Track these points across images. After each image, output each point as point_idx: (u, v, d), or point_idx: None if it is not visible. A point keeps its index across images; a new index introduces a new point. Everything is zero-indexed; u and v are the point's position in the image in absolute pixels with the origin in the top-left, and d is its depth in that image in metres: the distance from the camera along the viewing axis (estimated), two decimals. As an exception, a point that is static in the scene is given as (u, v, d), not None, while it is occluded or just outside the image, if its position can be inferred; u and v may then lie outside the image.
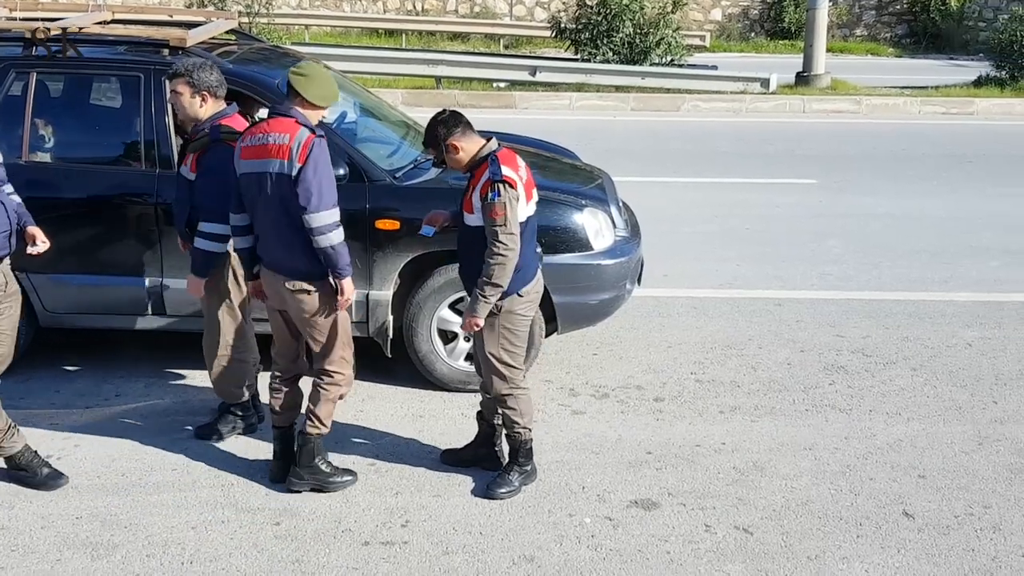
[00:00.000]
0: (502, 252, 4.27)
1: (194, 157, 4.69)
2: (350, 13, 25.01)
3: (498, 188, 4.26)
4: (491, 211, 4.26)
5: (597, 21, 17.46)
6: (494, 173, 4.29)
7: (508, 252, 4.27)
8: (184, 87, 4.65)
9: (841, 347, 6.38)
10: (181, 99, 4.67)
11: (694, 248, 8.43)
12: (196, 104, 4.66)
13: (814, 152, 12.64)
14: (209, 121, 4.70)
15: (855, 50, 25.41)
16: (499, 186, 4.26)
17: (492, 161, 4.33)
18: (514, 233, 4.29)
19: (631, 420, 5.36)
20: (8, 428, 4.54)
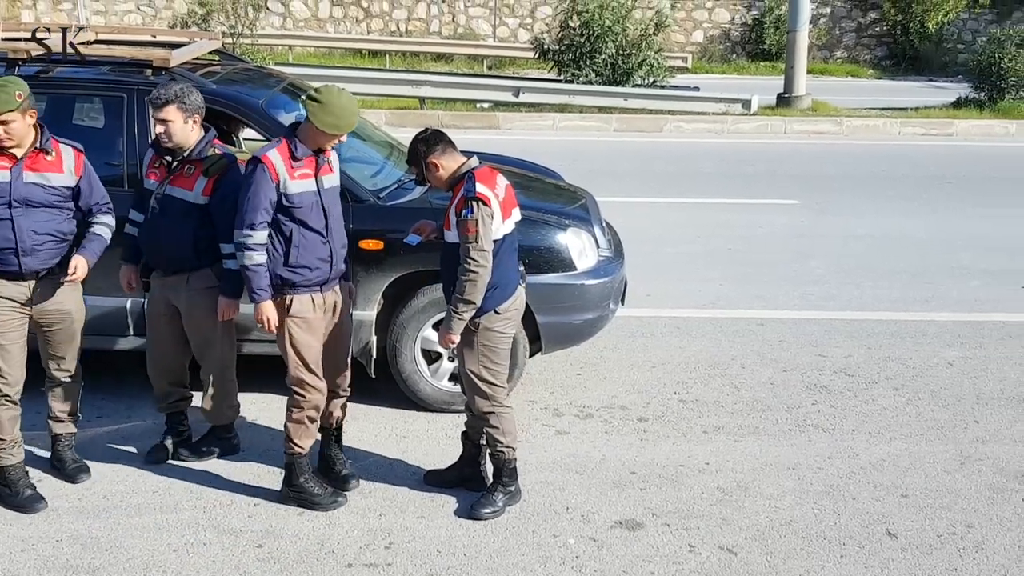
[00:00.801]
0: (473, 269, 4.30)
1: (211, 181, 4.64)
2: (334, 34, 25.07)
3: (471, 205, 4.30)
4: (464, 227, 4.30)
5: (580, 43, 17.55)
6: (468, 190, 4.33)
7: (479, 269, 4.30)
8: (177, 113, 4.57)
9: (824, 367, 6.40)
10: (173, 126, 4.59)
11: (677, 268, 8.45)
12: (188, 128, 4.63)
13: (796, 173, 12.71)
14: (205, 144, 4.68)
15: (835, 72, 25.63)
16: (472, 203, 4.30)
17: (468, 178, 4.37)
18: (485, 250, 4.31)
19: (615, 440, 5.35)
20: (15, 442, 4.59)
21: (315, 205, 4.48)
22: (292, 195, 4.40)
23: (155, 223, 4.70)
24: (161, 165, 4.71)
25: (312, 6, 25.62)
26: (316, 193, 4.48)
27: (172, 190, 4.67)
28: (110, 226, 4.66)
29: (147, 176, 4.76)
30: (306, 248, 4.47)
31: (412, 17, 25.94)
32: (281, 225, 4.44)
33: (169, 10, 24.85)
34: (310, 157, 4.47)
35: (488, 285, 4.38)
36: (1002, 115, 17.09)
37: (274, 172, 4.36)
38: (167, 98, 4.57)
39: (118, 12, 25.03)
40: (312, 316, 4.55)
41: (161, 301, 4.83)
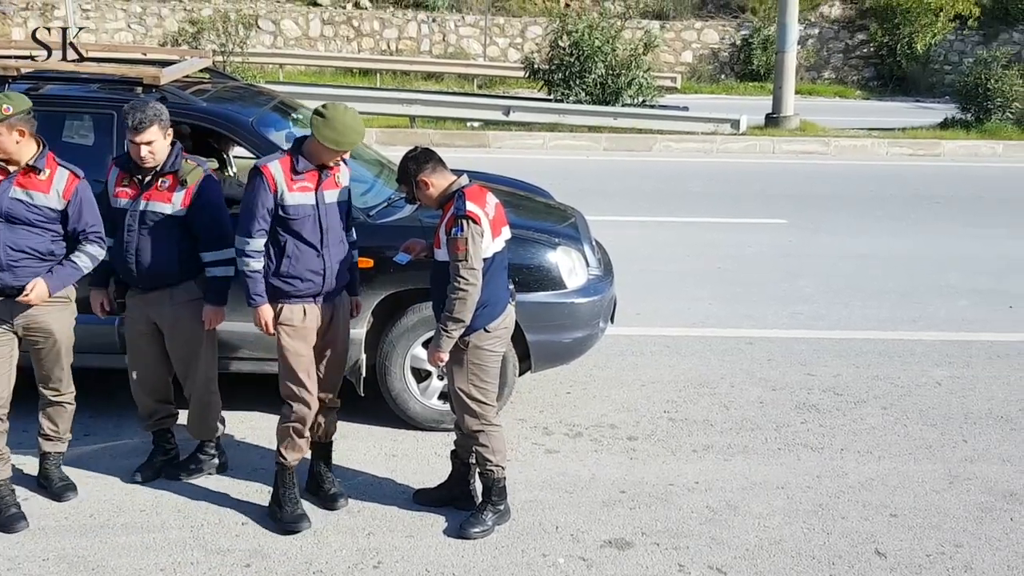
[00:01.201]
0: (463, 287, 4.30)
1: (188, 192, 4.64)
2: (325, 53, 25.13)
3: (461, 223, 4.31)
4: (454, 246, 4.31)
5: (570, 62, 17.63)
6: (458, 208, 4.35)
7: (469, 287, 4.30)
8: (158, 132, 4.56)
9: (812, 386, 6.41)
10: (157, 145, 4.57)
11: (667, 287, 8.47)
12: (167, 144, 4.65)
13: (784, 192, 12.76)
14: (176, 156, 4.67)
15: (823, 92, 25.78)
16: (462, 221, 4.31)
17: (458, 197, 4.39)
18: (475, 268, 4.32)
19: (604, 459, 5.35)
20: (1, 458, 4.57)
21: (311, 218, 4.51)
22: (288, 206, 4.46)
23: (132, 241, 4.66)
24: (132, 183, 4.66)
25: (303, 25, 25.69)
26: (314, 207, 4.51)
27: (150, 205, 4.64)
28: (92, 256, 4.57)
29: (116, 196, 4.69)
30: (299, 260, 4.51)
31: (403, 36, 26.02)
32: (277, 235, 4.50)
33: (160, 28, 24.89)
34: (312, 171, 4.51)
35: (478, 303, 4.38)
36: (989, 136, 17.21)
37: (272, 182, 4.44)
38: (150, 119, 4.52)
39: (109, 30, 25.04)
40: (301, 324, 4.58)
41: (141, 319, 4.80)
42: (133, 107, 4.58)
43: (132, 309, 4.82)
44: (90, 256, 4.57)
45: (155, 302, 4.75)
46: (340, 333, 4.77)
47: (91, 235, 4.57)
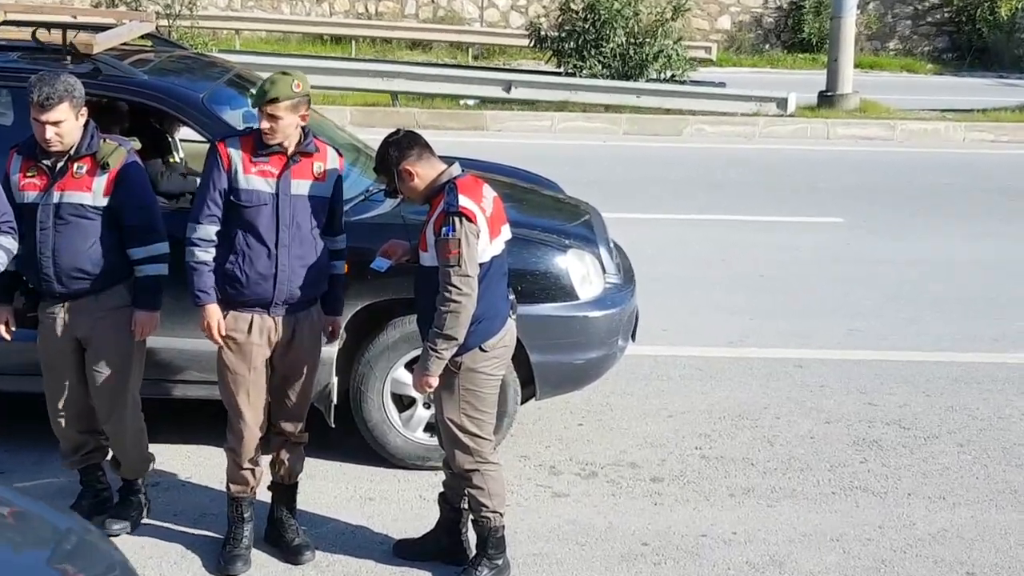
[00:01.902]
0: (455, 298, 4.29)
1: (110, 177, 4.64)
2: (290, 16, 25.21)
3: (453, 221, 4.30)
4: (444, 248, 4.30)
5: (584, 29, 17.66)
6: (449, 203, 4.34)
7: (462, 298, 4.30)
8: (69, 111, 4.55)
9: (874, 418, 6.41)
10: (66, 126, 4.55)
11: (698, 298, 8.47)
12: (79, 125, 4.64)
13: (840, 186, 12.78)
14: (92, 137, 4.68)
15: (888, 66, 25.82)
16: (454, 219, 4.30)
17: (449, 190, 4.38)
18: (470, 275, 4.32)
19: (624, 505, 5.34)
20: None
21: (268, 209, 4.54)
22: (241, 191, 4.53)
23: (47, 240, 4.63)
24: (40, 171, 4.63)
25: (264, -18, 25.78)
26: (273, 196, 4.54)
27: (66, 196, 4.62)
28: (6, 249, 4.53)
29: (22, 188, 4.64)
30: (245, 258, 4.57)
31: (384, -3, 26.09)
32: (228, 225, 4.57)
33: (93, -14, 24.96)
34: (279, 154, 4.55)
35: (472, 317, 4.38)
36: (1086, 119, 17.22)
37: (226, 159, 4.52)
38: (59, 94, 4.50)
39: (32, -12, 25.13)
40: (245, 340, 4.63)
41: (59, 335, 4.76)
42: (40, 79, 4.55)
43: (48, 323, 4.78)
44: (4, 249, 4.54)
45: (77, 312, 4.73)
46: (304, 355, 4.78)
47: (3, 225, 4.54)
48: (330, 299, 4.89)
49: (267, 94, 4.48)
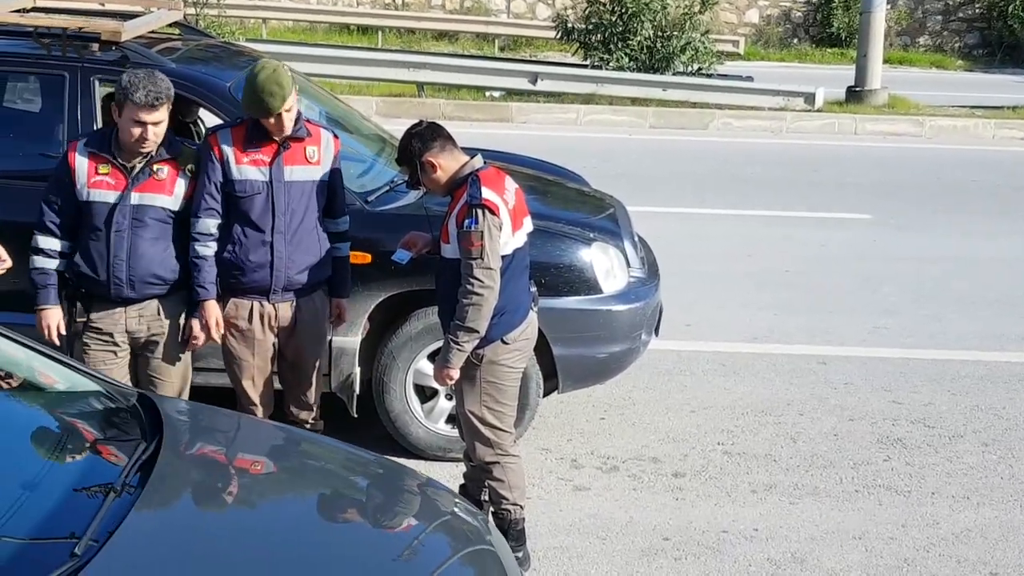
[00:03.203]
0: (477, 290, 4.30)
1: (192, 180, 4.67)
2: (316, 6, 25.24)
3: (476, 213, 4.31)
4: (466, 240, 4.31)
5: (611, 21, 17.62)
6: (472, 196, 4.34)
7: (484, 291, 4.31)
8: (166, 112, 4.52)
9: (898, 416, 6.39)
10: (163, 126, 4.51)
11: (723, 293, 8.46)
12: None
13: (867, 182, 12.72)
14: (172, 138, 4.73)
15: (917, 62, 25.65)
16: (477, 211, 4.31)
17: (472, 182, 4.39)
18: (493, 268, 4.33)
19: (645, 499, 5.35)
20: None
21: (261, 198, 4.60)
22: (235, 181, 4.59)
23: (120, 242, 4.51)
24: (116, 170, 4.51)
25: (291, -28, 25.80)
26: (266, 184, 4.60)
27: (146, 198, 4.55)
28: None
29: (90, 186, 4.51)
30: (243, 246, 4.63)
31: (410, -13, 26.08)
32: (226, 215, 4.64)
33: (121, -26, 25.05)
34: (271, 143, 4.60)
35: (495, 310, 4.39)
36: (1118, 117, 17.08)
37: (217, 151, 4.58)
38: (166, 95, 4.43)
39: (60, -25, 25.25)
40: (247, 327, 4.71)
41: (117, 341, 4.63)
42: (141, 78, 4.41)
43: (102, 328, 4.63)
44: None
45: (138, 318, 4.64)
46: (308, 340, 4.83)
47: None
48: (335, 282, 4.92)
49: (285, 99, 4.50)
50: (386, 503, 3.45)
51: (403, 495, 3.52)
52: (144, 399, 3.56)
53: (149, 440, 3.22)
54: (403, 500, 3.50)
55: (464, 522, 3.39)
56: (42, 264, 4.60)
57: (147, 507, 2.88)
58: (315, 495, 3.39)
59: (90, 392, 3.55)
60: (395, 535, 3.25)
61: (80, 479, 3.05)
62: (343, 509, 3.35)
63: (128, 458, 3.10)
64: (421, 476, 3.71)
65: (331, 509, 3.33)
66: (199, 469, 3.34)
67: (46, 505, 2.84)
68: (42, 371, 3.57)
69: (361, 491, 3.51)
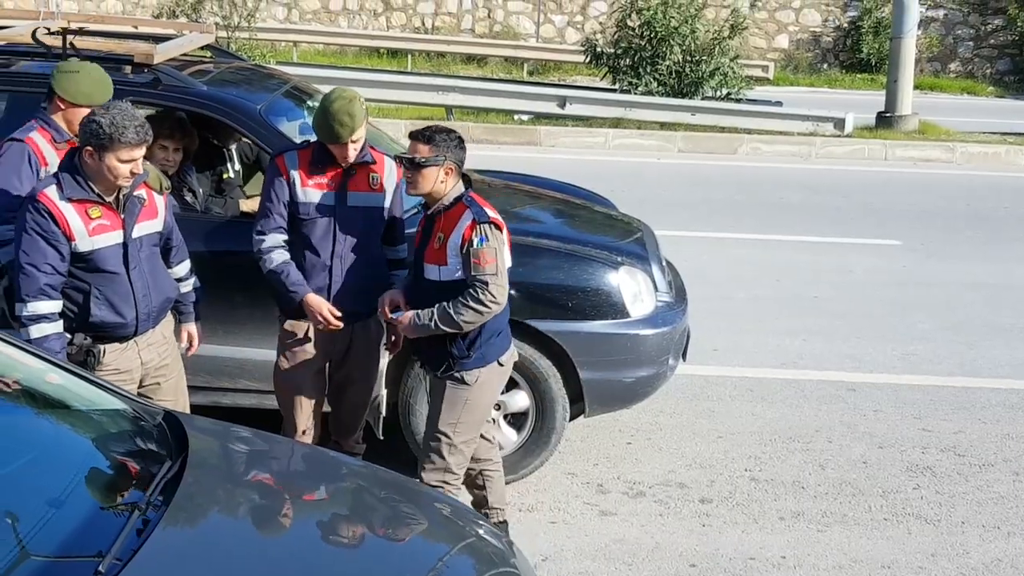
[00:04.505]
0: (489, 306, 4.32)
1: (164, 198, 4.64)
2: (347, 29, 25.42)
3: (485, 231, 4.32)
4: (479, 258, 4.29)
5: (640, 46, 17.66)
6: (479, 214, 4.36)
7: (495, 307, 4.34)
8: None
9: (928, 444, 6.34)
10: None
11: (751, 318, 8.43)
12: None
13: (898, 207, 12.67)
14: None
15: (948, 88, 25.58)
16: (486, 228, 4.33)
17: (470, 202, 4.41)
18: (504, 286, 4.36)
19: (671, 525, 5.32)
20: None
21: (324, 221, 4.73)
22: (299, 203, 4.72)
23: (141, 278, 4.41)
24: (107, 209, 4.30)
25: (322, -5, 26.01)
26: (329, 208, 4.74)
27: (146, 227, 4.44)
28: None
29: (92, 234, 4.26)
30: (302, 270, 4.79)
31: (440, 11, 26.27)
32: (290, 236, 4.79)
33: (154, -3, 25.32)
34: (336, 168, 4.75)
35: (490, 330, 4.42)
36: None
37: (285, 172, 4.73)
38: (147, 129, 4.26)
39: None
40: (300, 348, 4.82)
41: (133, 375, 4.50)
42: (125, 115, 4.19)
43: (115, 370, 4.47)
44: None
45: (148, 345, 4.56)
46: (359, 367, 4.85)
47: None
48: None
49: (353, 131, 4.58)
50: (411, 525, 3.45)
51: (428, 517, 3.51)
52: (170, 417, 3.57)
53: (174, 459, 3.23)
54: (428, 522, 3.49)
55: (489, 544, 3.38)
56: (48, 331, 4.25)
57: (172, 526, 2.89)
58: (340, 515, 3.39)
59: (116, 410, 3.57)
60: (420, 557, 3.24)
61: (106, 497, 3.06)
62: (368, 530, 3.35)
63: (153, 476, 3.12)
64: (446, 498, 3.71)
65: (355, 530, 3.33)
66: (224, 488, 3.35)
67: (71, 523, 2.85)
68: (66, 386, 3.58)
69: (386, 513, 3.50)
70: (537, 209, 6.49)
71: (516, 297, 5.33)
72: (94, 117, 4.18)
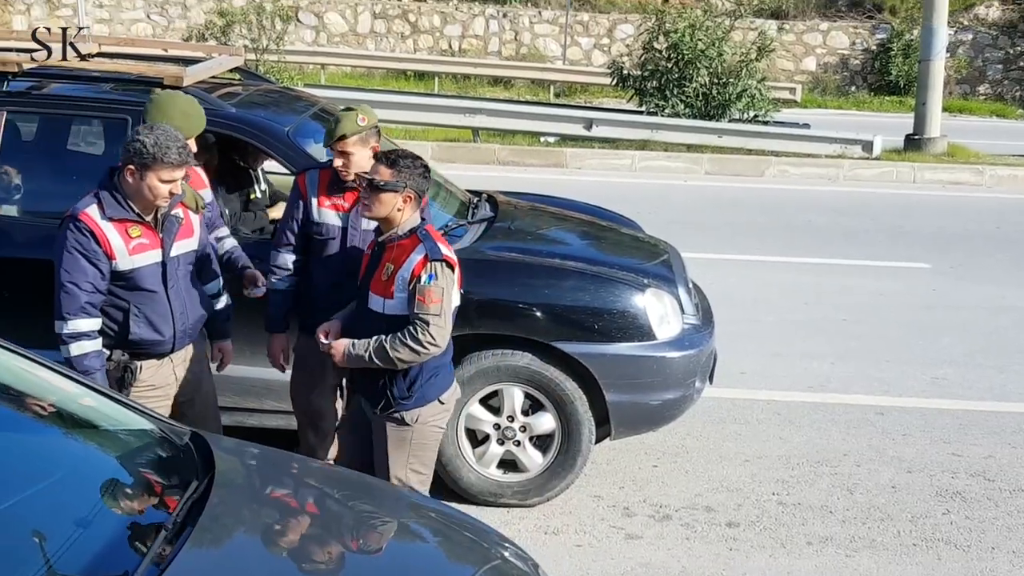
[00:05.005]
0: (427, 348, 4.16)
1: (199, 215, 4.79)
2: (375, 52, 25.57)
3: (435, 269, 4.17)
4: (424, 295, 4.15)
5: (667, 68, 17.69)
6: (432, 250, 4.21)
7: (434, 349, 4.18)
8: None
9: (958, 468, 6.30)
10: None
11: (779, 341, 8.40)
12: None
13: (926, 230, 12.62)
14: None
15: (977, 110, 25.49)
16: (437, 266, 4.18)
17: (425, 236, 4.27)
18: (446, 329, 4.21)
19: (698, 548, 5.30)
20: None
21: (336, 243, 4.86)
22: (315, 222, 4.88)
23: (178, 297, 4.48)
24: (146, 227, 4.37)
25: (350, 19, 26.20)
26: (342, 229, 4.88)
27: (183, 245, 4.52)
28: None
29: (132, 252, 4.32)
30: (315, 287, 4.96)
31: (467, 34, 26.39)
32: (306, 254, 4.98)
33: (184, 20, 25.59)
34: (352, 190, 4.81)
35: (431, 370, 4.31)
36: None
37: (304, 191, 4.89)
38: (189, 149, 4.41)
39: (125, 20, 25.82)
40: (314, 367, 4.93)
41: (172, 392, 4.58)
42: (168, 136, 4.27)
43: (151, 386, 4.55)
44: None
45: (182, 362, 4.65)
46: None
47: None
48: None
49: (335, 132, 4.66)
50: (437, 547, 3.44)
51: (454, 539, 3.51)
52: (196, 438, 3.58)
53: (201, 479, 3.24)
54: (453, 544, 3.49)
55: (514, 567, 3.37)
56: (88, 348, 4.31)
57: (198, 546, 2.90)
58: (365, 537, 3.39)
59: (143, 430, 3.59)
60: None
61: (132, 517, 3.07)
62: (393, 552, 3.35)
63: (180, 496, 3.13)
64: (472, 520, 3.70)
65: (381, 552, 3.33)
66: (250, 508, 3.36)
67: (98, 543, 2.86)
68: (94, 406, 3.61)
69: (412, 534, 3.50)
70: (563, 231, 6.50)
71: (542, 319, 5.36)
72: (138, 136, 4.25)
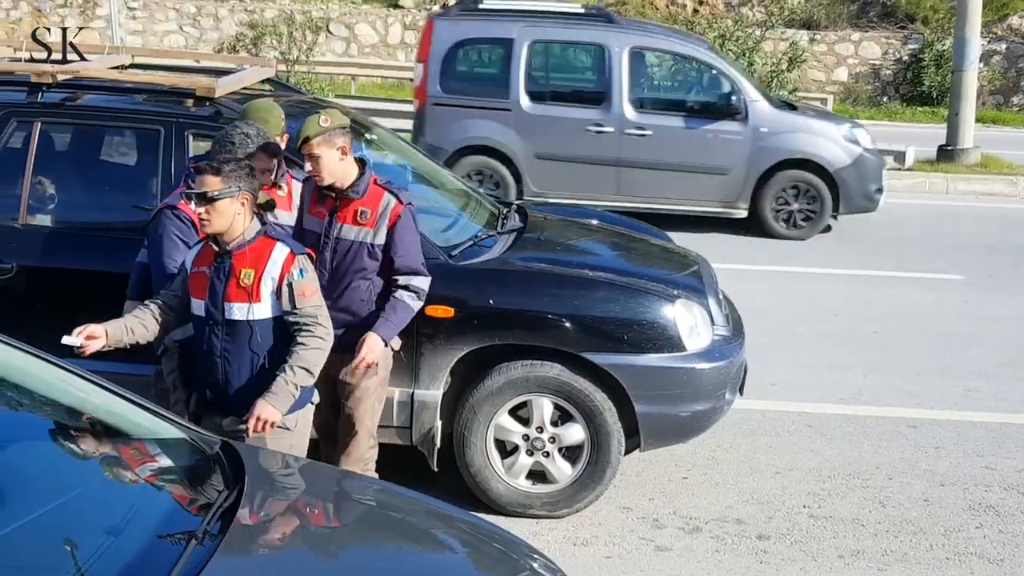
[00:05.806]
0: (324, 337, 4.33)
1: None
2: (404, 62, 25.62)
3: (302, 263, 4.31)
4: (304, 291, 4.27)
5: (697, 79, 17.66)
6: (294, 245, 4.38)
7: (329, 337, 4.36)
8: None
9: (991, 482, 6.25)
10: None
11: (810, 352, 8.36)
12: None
13: (960, 241, 12.54)
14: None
15: (1011, 121, 25.28)
16: (303, 260, 4.32)
17: (278, 234, 4.44)
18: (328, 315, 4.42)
19: (728, 561, 5.28)
20: None
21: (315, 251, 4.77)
22: (303, 229, 4.96)
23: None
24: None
25: (381, 30, 26.27)
26: (318, 236, 4.87)
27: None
28: None
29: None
30: None
31: (497, 45, 26.37)
32: None
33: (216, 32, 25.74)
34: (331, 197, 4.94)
35: None
36: None
37: (299, 197, 5.03)
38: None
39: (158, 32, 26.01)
40: None
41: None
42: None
43: None
44: None
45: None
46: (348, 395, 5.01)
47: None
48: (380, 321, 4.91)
49: (298, 137, 4.71)
50: (466, 557, 3.44)
51: (482, 550, 3.51)
52: (227, 447, 3.60)
53: (231, 488, 3.25)
54: (483, 555, 3.49)
55: None
56: None
57: (228, 555, 2.91)
58: (394, 548, 3.39)
59: (175, 439, 3.61)
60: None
61: (163, 526, 3.09)
62: (422, 563, 3.35)
63: (210, 506, 3.14)
64: (500, 531, 3.71)
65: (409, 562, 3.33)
66: (280, 518, 3.37)
67: (129, 552, 2.88)
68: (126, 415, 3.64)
69: (440, 545, 3.51)
70: (593, 242, 6.50)
71: (571, 330, 5.36)
72: (239, 128, 4.65)
